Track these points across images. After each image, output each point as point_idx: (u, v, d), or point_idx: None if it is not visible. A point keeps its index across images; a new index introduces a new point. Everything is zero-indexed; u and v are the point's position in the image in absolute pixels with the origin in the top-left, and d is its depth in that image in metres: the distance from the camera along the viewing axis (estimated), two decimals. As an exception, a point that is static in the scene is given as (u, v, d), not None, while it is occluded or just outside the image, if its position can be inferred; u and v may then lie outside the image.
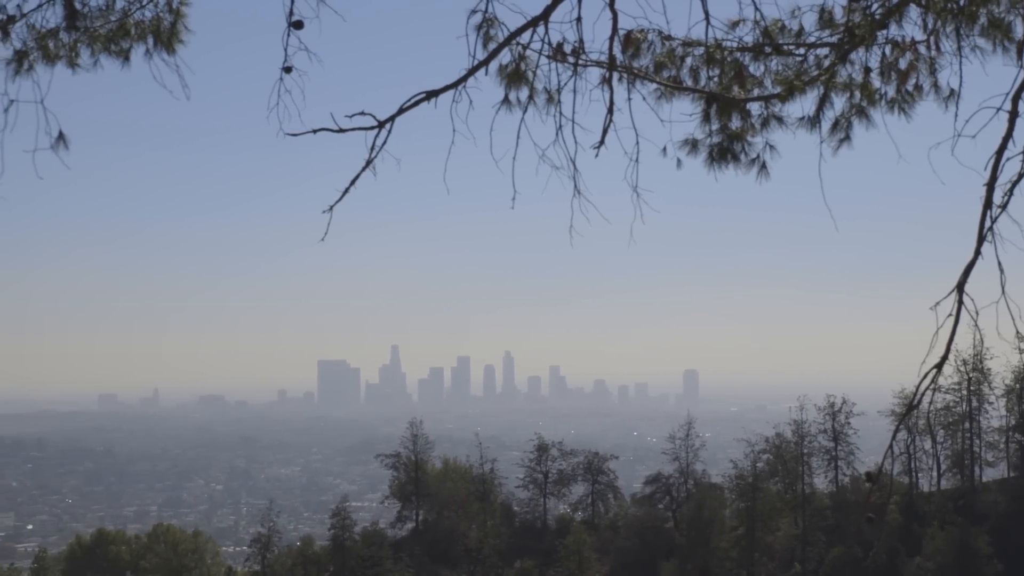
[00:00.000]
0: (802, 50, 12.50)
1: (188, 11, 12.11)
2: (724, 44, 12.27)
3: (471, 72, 11.81)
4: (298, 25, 11.33)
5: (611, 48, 11.85)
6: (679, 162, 12.65)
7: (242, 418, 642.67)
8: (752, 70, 12.47)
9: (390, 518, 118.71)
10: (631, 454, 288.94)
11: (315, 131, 11.40)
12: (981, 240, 11.44)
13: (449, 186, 12.84)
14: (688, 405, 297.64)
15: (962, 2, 11.92)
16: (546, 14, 11.71)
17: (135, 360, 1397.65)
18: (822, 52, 12.45)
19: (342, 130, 11.41)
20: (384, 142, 11.74)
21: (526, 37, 11.86)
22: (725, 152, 12.65)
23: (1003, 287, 11.16)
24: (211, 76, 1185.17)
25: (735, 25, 12.28)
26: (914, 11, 12.02)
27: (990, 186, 11.48)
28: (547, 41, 11.82)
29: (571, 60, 11.90)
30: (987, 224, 11.45)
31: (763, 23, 12.28)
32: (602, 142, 12.04)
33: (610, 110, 11.98)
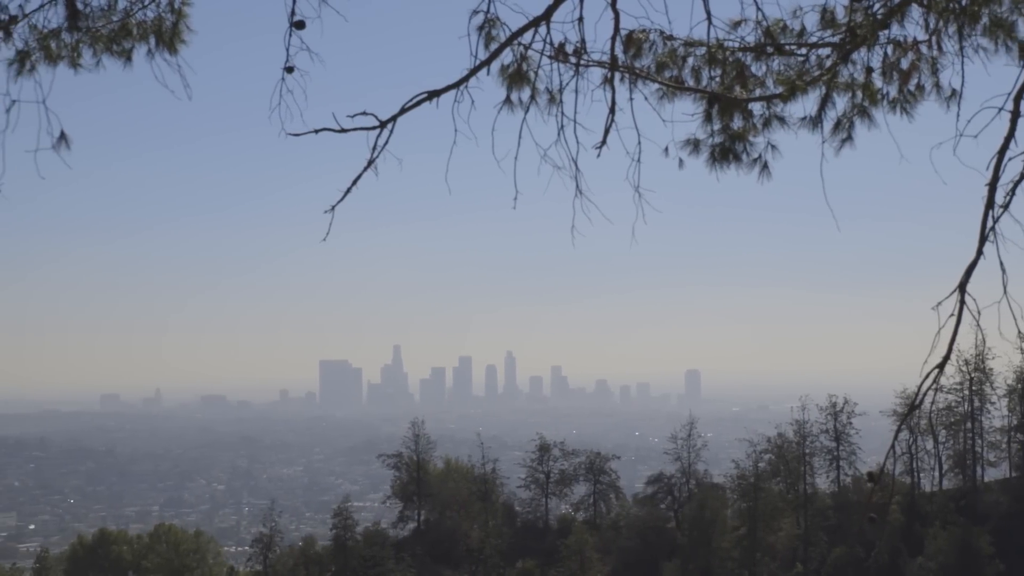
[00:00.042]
0: (804, 50, 12.50)
1: (190, 11, 12.14)
2: (726, 44, 12.27)
3: (473, 72, 11.81)
4: (300, 25, 11.34)
5: (613, 48, 11.85)
6: (681, 162, 12.65)
7: (244, 418, 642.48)
8: (754, 70, 12.48)
9: (392, 518, 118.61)
10: (633, 454, 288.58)
11: (317, 131, 11.40)
12: (983, 240, 11.45)
13: (451, 186, 12.84)
14: (690, 405, 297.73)
15: (964, 2, 11.92)
16: (548, 14, 11.70)
17: (137, 360, 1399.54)
18: (824, 52, 12.45)
19: (344, 130, 11.42)
20: (386, 142, 11.76)
21: (528, 37, 11.87)
22: (727, 152, 12.65)
23: (1005, 287, 11.17)
24: (212, 76, 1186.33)
25: (737, 25, 12.28)
26: (916, 11, 12.03)
27: (992, 186, 11.49)
28: (549, 41, 11.82)
29: (573, 60, 11.90)
30: (989, 224, 11.46)
31: (765, 23, 12.28)
32: (604, 142, 12.03)
33: (612, 110, 11.97)
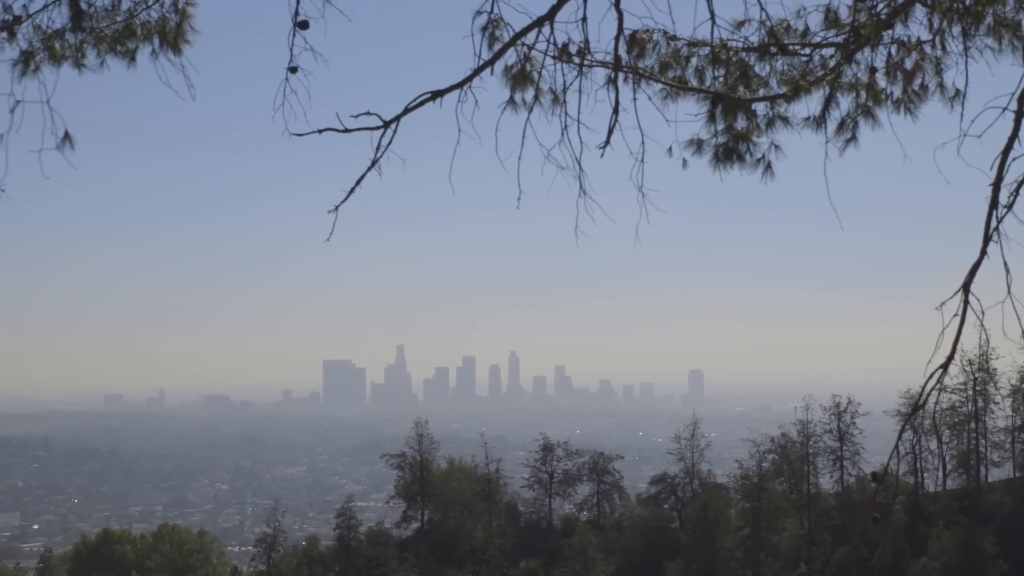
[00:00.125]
0: (807, 50, 12.49)
1: (194, 11, 12.15)
2: (729, 44, 12.25)
3: (476, 72, 11.80)
4: (304, 25, 11.35)
5: (616, 48, 11.84)
6: (685, 162, 12.64)
7: (247, 418, 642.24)
8: (757, 70, 12.47)
9: (395, 518, 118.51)
10: (636, 454, 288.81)
11: (320, 131, 11.40)
12: (987, 240, 11.44)
13: (454, 186, 12.88)
14: (693, 405, 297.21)
15: (968, 2, 11.91)
16: (551, 14, 11.70)
17: (140, 360, 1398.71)
18: (827, 52, 12.44)
19: (347, 130, 11.42)
20: (389, 142, 11.75)
21: (531, 37, 11.86)
22: (730, 152, 12.64)
23: (1009, 287, 11.15)
24: (216, 76, 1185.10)
25: (740, 25, 12.26)
26: (920, 11, 12.02)
27: (996, 186, 11.48)
28: (552, 41, 11.81)
29: (576, 60, 11.89)
30: (993, 224, 11.45)
31: (768, 23, 12.27)
32: (607, 142, 12.03)
33: (615, 110, 11.96)
